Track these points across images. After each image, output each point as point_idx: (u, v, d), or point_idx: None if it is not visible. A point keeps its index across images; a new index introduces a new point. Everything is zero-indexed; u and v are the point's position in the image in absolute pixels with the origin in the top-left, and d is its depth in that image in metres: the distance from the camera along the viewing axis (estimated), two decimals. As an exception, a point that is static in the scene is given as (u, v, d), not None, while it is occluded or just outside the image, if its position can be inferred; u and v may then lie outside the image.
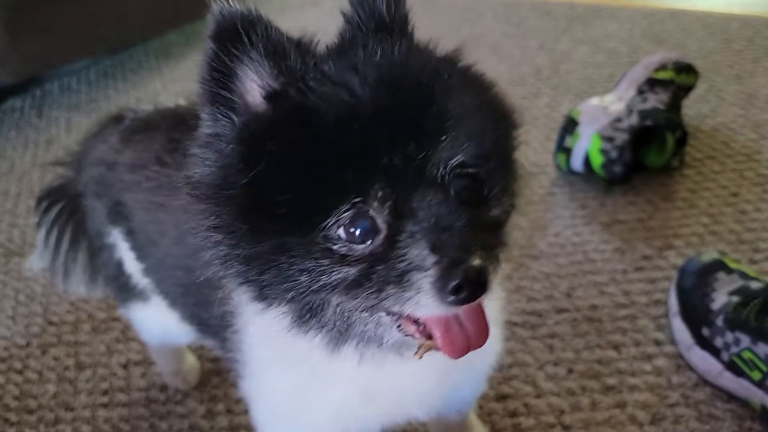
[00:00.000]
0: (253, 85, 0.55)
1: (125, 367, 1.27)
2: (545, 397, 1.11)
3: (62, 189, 1.05)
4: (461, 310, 0.56)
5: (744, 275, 1.14)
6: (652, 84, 1.61)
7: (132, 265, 0.95)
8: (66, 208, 1.04)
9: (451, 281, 0.50)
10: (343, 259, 0.54)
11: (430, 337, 0.57)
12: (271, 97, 0.55)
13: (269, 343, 0.70)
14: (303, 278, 0.55)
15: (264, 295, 0.58)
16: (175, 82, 2.39)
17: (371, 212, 0.53)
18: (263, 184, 0.53)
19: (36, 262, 1.11)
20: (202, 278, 0.79)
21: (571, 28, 2.42)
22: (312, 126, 0.52)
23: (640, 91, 1.61)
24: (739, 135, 1.72)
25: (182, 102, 0.98)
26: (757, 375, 1.01)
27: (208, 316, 0.81)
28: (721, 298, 1.11)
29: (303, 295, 0.56)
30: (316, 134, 0.52)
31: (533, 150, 1.74)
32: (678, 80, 1.65)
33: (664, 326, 1.20)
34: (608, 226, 1.47)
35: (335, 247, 0.54)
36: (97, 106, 2.27)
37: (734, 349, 1.05)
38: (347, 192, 0.52)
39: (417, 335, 0.57)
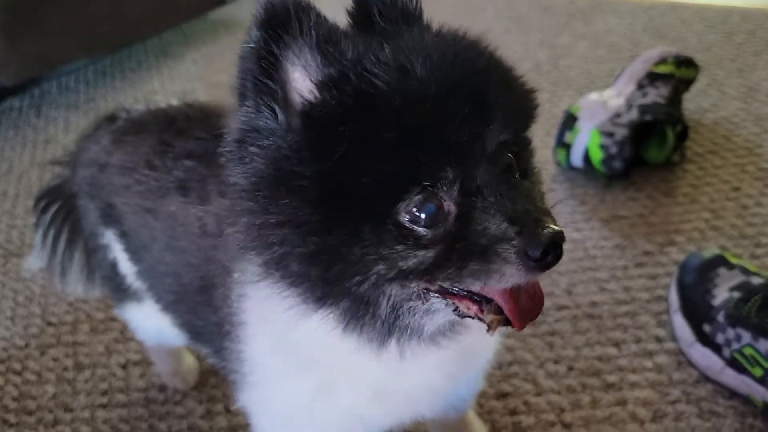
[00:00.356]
0: (302, 74, 0.53)
1: (124, 367, 1.27)
2: (545, 394, 1.11)
3: (59, 189, 1.05)
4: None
5: (745, 271, 1.13)
6: (652, 78, 1.60)
7: (126, 267, 0.94)
8: (63, 208, 1.03)
9: (535, 248, 0.50)
10: (418, 242, 0.53)
11: (498, 312, 0.56)
12: (328, 84, 0.53)
13: (280, 351, 0.69)
14: (379, 267, 0.54)
15: (323, 293, 0.57)
16: (173, 80, 2.39)
17: (440, 193, 0.53)
18: (334, 172, 0.52)
19: (34, 262, 1.11)
20: (191, 286, 0.80)
21: (572, 23, 2.41)
22: (380, 110, 0.51)
23: (640, 86, 1.59)
24: (741, 129, 1.71)
25: (175, 102, 0.97)
26: (758, 371, 1.00)
27: (202, 324, 0.81)
28: (722, 294, 1.10)
29: (375, 286, 0.55)
30: (385, 118, 0.51)
31: (533, 146, 1.73)
32: (678, 74, 1.64)
33: (665, 323, 1.19)
34: (608, 222, 1.46)
35: (409, 231, 0.53)
36: (95, 106, 2.27)
37: (735, 346, 1.04)
38: (419, 174, 0.52)
39: (477, 314, 0.57)
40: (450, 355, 0.67)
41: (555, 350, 1.18)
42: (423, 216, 0.53)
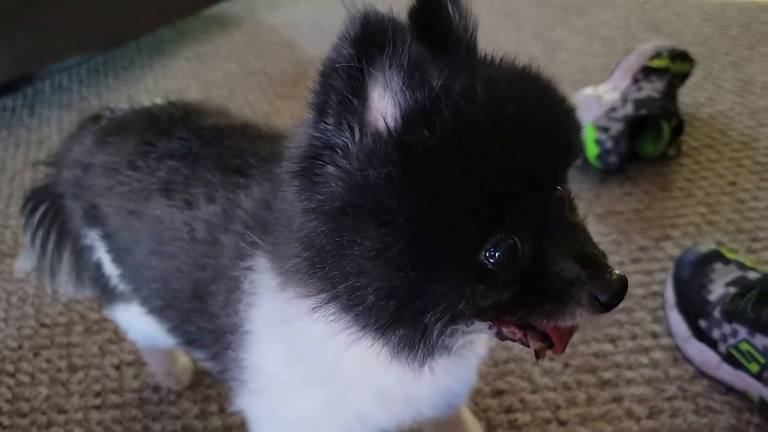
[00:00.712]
0: (390, 98, 0.50)
1: (118, 368, 1.26)
2: (541, 392, 1.10)
3: (47, 189, 1.04)
4: None
5: (741, 265, 1.12)
6: (647, 72, 1.60)
7: (110, 268, 0.93)
8: (51, 209, 1.02)
9: (606, 294, 0.53)
10: (497, 281, 0.53)
11: (542, 338, 0.58)
12: (419, 113, 0.50)
13: (295, 361, 0.68)
14: (461, 305, 0.53)
15: (388, 324, 0.55)
16: (167, 78, 2.37)
17: (516, 233, 0.53)
18: (427, 209, 0.50)
19: (24, 263, 1.10)
20: (182, 293, 0.79)
21: (566, 17, 2.40)
22: (472, 148, 0.50)
23: (635, 80, 1.59)
24: (737, 123, 1.70)
25: (159, 101, 0.96)
26: (755, 367, 1.00)
27: (194, 330, 0.80)
28: (718, 289, 1.09)
29: (449, 322, 0.55)
30: (477, 157, 0.50)
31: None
32: (673, 68, 1.63)
33: (661, 318, 1.19)
34: (604, 217, 1.45)
35: (489, 271, 0.53)
36: (88, 104, 2.26)
37: (732, 341, 1.03)
38: (506, 216, 0.52)
39: (521, 340, 0.59)
40: (453, 357, 0.66)
41: (551, 347, 1.17)
42: (500, 256, 0.52)
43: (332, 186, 0.52)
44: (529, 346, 0.58)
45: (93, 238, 0.93)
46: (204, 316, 0.77)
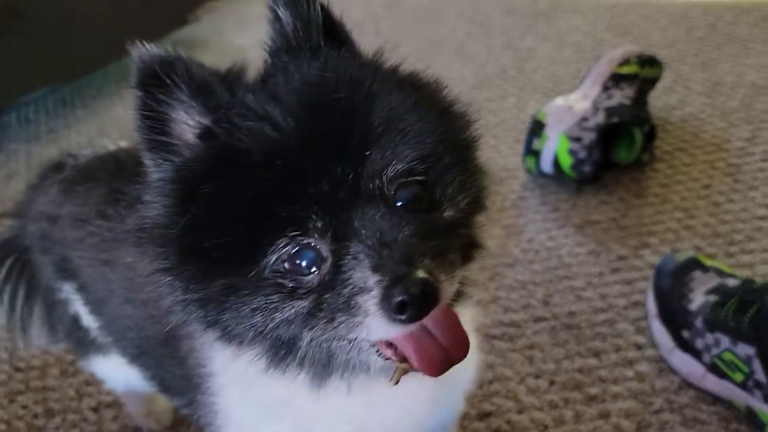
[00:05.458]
0: (185, 126, 0.54)
1: (96, 410, 1.23)
2: (528, 412, 1.09)
3: (12, 242, 1.01)
4: (431, 324, 0.53)
5: (720, 272, 1.12)
6: (616, 79, 1.60)
7: (88, 320, 0.91)
8: (18, 263, 0.99)
9: (394, 299, 0.48)
10: (294, 293, 0.52)
11: (405, 359, 0.54)
12: (202, 136, 0.54)
13: (249, 400, 0.67)
14: (257, 317, 0.53)
15: (230, 336, 0.57)
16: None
17: (313, 242, 0.51)
18: (199, 226, 0.52)
19: None
20: (155, 339, 0.77)
21: (536, 25, 2.41)
22: (239, 164, 0.51)
23: (605, 88, 1.59)
24: (708, 125, 1.71)
25: (124, 144, 0.93)
26: (739, 377, 0.99)
27: (170, 377, 0.78)
28: (698, 298, 1.09)
29: (263, 334, 0.54)
30: (244, 173, 0.51)
31: (502, 154, 1.72)
32: (643, 73, 1.64)
33: (644, 329, 1.18)
34: (581, 227, 1.45)
35: (284, 282, 0.52)
36: (57, 136, 2.21)
37: (715, 351, 1.03)
38: (283, 227, 0.51)
39: (394, 358, 0.55)
40: (430, 381, 0.64)
41: (535, 364, 1.16)
42: (300, 264, 0.52)
43: (153, 212, 0.56)
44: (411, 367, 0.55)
45: (68, 291, 0.90)
46: (175, 361, 0.76)
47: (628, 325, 1.20)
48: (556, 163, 1.52)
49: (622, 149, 1.56)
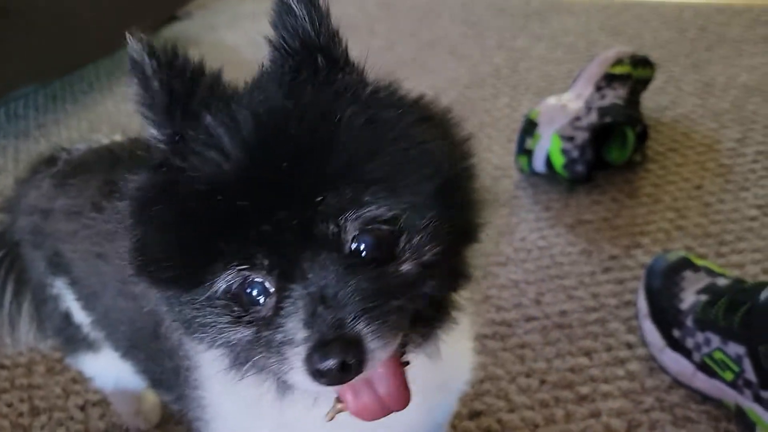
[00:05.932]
0: (152, 136, 0.55)
1: (83, 409, 1.21)
2: (519, 411, 1.08)
3: (0, 237, 0.99)
4: (372, 374, 0.52)
5: (710, 272, 1.12)
6: (609, 79, 1.60)
7: (81, 316, 0.90)
8: (6, 258, 0.98)
9: (315, 363, 0.47)
10: (240, 319, 0.52)
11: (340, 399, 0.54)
12: (158, 160, 0.53)
13: (231, 394, 0.66)
14: (208, 332, 0.54)
15: (192, 336, 0.57)
16: (127, 101, 2.30)
17: (259, 278, 0.50)
18: (147, 246, 0.52)
19: None
20: (146, 331, 0.76)
21: (529, 25, 2.41)
22: (183, 192, 0.50)
23: (598, 88, 1.59)
24: (699, 125, 1.71)
25: (118, 137, 0.92)
26: (729, 375, 0.99)
27: (160, 371, 0.77)
28: (689, 297, 1.09)
29: (215, 345, 0.55)
30: (187, 202, 0.50)
31: (495, 153, 1.72)
32: (635, 74, 1.64)
33: (635, 328, 1.18)
34: (573, 227, 1.45)
35: (233, 306, 0.52)
36: (46, 132, 2.19)
37: (705, 350, 1.03)
38: (229, 260, 0.49)
39: (333, 395, 0.55)
40: (424, 388, 0.64)
41: (526, 363, 1.16)
42: (249, 293, 0.51)
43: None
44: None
45: (59, 287, 0.89)
46: (165, 353, 0.75)
47: (619, 324, 1.20)
48: (549, 163, 1.52)
49: (614, 149, 1.56)
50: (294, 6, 0.53)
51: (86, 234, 0.81)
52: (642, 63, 1.67)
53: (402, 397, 0.53)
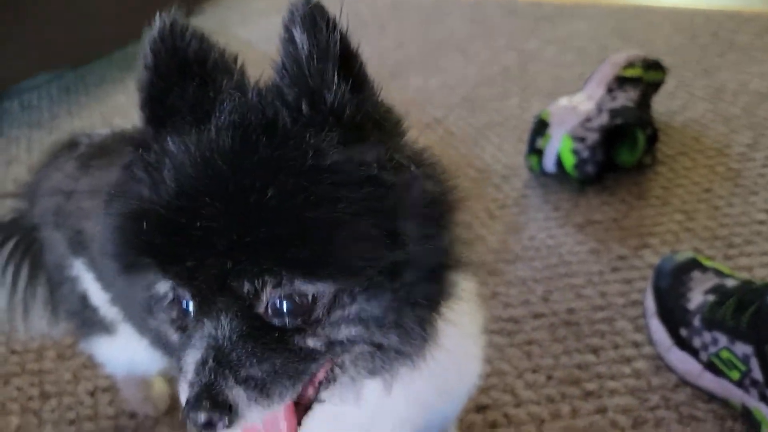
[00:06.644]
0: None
1: (92, 394, 1.22)
2: (525, 406, 1.09)
3: (15, 223, 1.00)
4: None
5: (719, 273, 1.13)
6: (620, 82, 1.61)
7: (98, 297, 0.90)
8: (21, 243, 0.99)
9: (188, 410, 0.49)
10: (173, 323, 0.56)
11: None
12: (128, 161, 0.56)
13: None
14: (152, 323, 0.59)
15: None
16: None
17: (185, 297, 0.53)
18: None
19: None
20: None
21: (539, 28, 2.42)
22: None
23: (609, 90, 1.60)
24: (710, 130, 1.72)
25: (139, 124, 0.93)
26: (736, 375, 1.00)
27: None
28: (697, 297, 1.09)
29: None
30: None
31: (505, 153, 1.73)
32: (646, 77, 1.65)
33: (643, 327, 1.19)
34: (583, 227, 1.45)
35: (173, 310, 0.55)
36: (59, 123, 2.21)
37: (712, 349, 1.03)
38: (161, 276, 0.53)
39: None
40: (421, 385, 0.64)
41: (533, 359, 1.17)
42: (182, 306, 0.54)
43: None
44: None
45: (79, 267, 0.90)
46: None
47: (626, 323, 1.21)
48: (559, 163, 1.53)
49: (624, 151, 1.57)
50: (296, 36, 0.51)
51: None
52: (653, 66, 1.68)
53: None
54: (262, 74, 0.57)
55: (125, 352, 0.94)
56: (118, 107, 2.26)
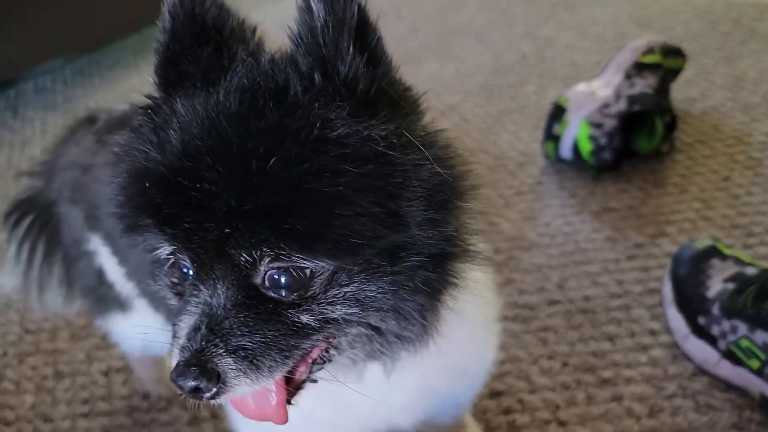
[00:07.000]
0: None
1: (106, 374, 1.23)
2: (540, 392, 1.08)
3: (31, 200, 1.00)
4: None
5: (739, 261, 1.11)
6: (639, 68, 1.58)
7: (115, 272, 0.90)
8: (37, 220, 0.99)
9: (175, 375, 0.50)
10: (173, 287, 0.57)
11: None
12: (138, 123, 0.56)
13: None
14: (159, 287, 0.60)
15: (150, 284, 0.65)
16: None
17: (183, 261, 0.53)
18: (113, 197, 0.55)
19: (8, 279, 1.06)
20: None
21: (556, 14, 2.39)
22: (136, 160, 0.52)
23: (628, 76, 1.57)
24: (729, 118, 1.69)
25: None
26: (755, 363, 0.98)
27: None
28: (716, 285, 1.08)
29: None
30: (136, 170, 0.52)
31: (521, 140, 1.71)
32: (666, 64, 1.62)
33: (659, 315, 1.17)
34: (599, 214, 1.44)
35: (174, 274, 0.56)
36: (73, 106, 2.21)
37: (731, 338, 1.02)
38: (158, 230, 0.52)
39: None
40: (430, 371, 0.64)
41: (548, 346, 1.16)
42: (182, 270, 0.54)
43: None
44: None
45: (96, 242, 0.90)
46: None
47: (643, 311, 1.20)
48: (576, 149, 1.51)
49: (642, 138, 1.54)
50: (313, 4, 0.50)
51: None
52: (673, 53, 1.65)
53: (276, 415, 0.54)
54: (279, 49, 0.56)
55: (140, 329, 0.93)
56: (131, 90, 2.26)
